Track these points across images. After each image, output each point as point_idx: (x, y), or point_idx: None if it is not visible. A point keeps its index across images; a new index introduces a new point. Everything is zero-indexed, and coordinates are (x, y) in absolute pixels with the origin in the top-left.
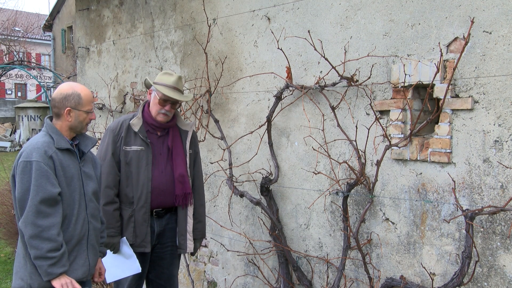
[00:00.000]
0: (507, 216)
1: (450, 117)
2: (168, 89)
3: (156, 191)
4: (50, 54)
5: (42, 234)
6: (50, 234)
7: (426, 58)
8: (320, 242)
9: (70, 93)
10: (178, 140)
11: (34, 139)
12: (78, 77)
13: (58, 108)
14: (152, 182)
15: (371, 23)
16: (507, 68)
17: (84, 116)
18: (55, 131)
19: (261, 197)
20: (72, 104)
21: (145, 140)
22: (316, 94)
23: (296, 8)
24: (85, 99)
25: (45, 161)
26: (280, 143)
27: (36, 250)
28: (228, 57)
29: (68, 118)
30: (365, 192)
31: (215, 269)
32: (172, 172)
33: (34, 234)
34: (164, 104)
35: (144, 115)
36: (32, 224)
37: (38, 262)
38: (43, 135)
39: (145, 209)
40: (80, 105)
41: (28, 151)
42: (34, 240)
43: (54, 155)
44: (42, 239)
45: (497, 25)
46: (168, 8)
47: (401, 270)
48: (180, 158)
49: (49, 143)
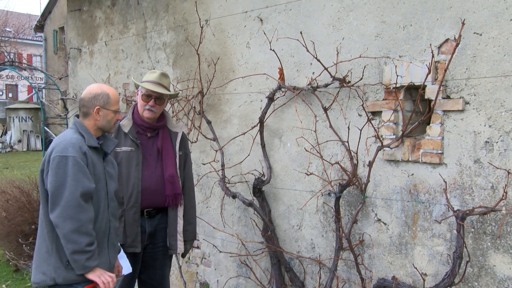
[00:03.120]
0: (497, 217)
1: (441, 118)
2: (150, 84)
3: (146, 191)
4: (42, 55)
5: (81, 229)
6: (88, 229)
7: (417, 59)
8: (313, 243)
9: (100, 92)
10: (168, 141)
11: (65, 135)
12: (70, 78)
13: (87, 107)
14: (142, 182)
15: (363, 25)
16: (497, 70)
17: (112, 116)
18: (85, 129)
19: (254, 198)
20: (101, 103)
21: (135, 141)
22: (308, 95)
23: (288, 9)
24: (113, 98)
25: (81, 156)
26: (272, 144)
27: (75, 245)
28: (220, 58)
29: (96, 117)
30: (357, 193)
31: (208, 271)
32: (162, 173)
33: (74, 228)
34: (147, 100)
35: (134, 117)
36: (73, 218)
37: (76, 257)
38: (74, 132)
39: (136, 209)
40: (108, 104)
41: (63, 146)
42: (74, 234)
43: (88, 152)
44: (81, 233)
45: (488, 27)
46: (160, 9)
47: (393, 270)
48: (170, 159)
49: (82, 140)
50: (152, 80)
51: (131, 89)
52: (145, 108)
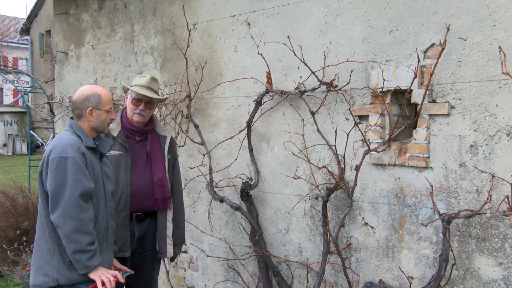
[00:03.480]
0: (482, 220)
1: (427, 122)
2: (140, 88)
3: (136, 195)
4: (28, 58)
5: (82, 228)
6: (89, 228)
7: (404, 63)
8: (300, 247)
9: (91, 93)
10: (157, 145)
11: (63, 136)
12: (56, 82)
13: (80, 109)
14: (132, 186)
15: (350, 29)
16: (481, 74)
17: (105, 116)
18: (81, 130)
19: (241, 202)
20: (93, 104)
21: (124, 145)
22: (296, 99)
23: (276, 13)
24: (105, 98)
25: (80, 157)
26: (260, 148)
27: (76, 244)
28: (208, 62)
29: (90, 118)
30: (344, 197)
31: (195, 275)
32: (151, 176)
33: (75, 228)
34: (137, 104)
35: (122, 121)
36: (74, 218)
37: (77, 256)
38: (71, 134)
39: (125, 213)
40: (101, 105)
41: (62, 147)
42: (75, 234)
43: (86, 152)
44: (82, 232)
45: (472, 32)
46: (148, 12)
47: (380, 274)
48: (159, 163)
49: (79, 141)
50: (143, 84)
51: (118, 93)
52: (135, 112)
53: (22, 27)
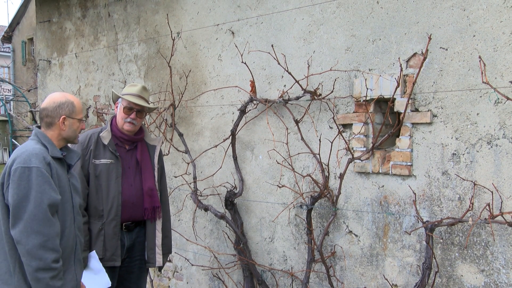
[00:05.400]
0: (465, 227)
1: (410, 131)
2: (132, 97)
3: (126, 204)
4: (10, 66)
5: (47, 244)
6: (55, 244)
7: (387, 72)
8: (285, 255)
9: (64, 101)
10: (146, 154)
11: (27, 146)
12: (39, 90)
13: (52, 117)
14: (122, 196)
15: (334, 38)
16: (462, 84)
17: (78, 125)
18: (48, 140)
19: (226, 211)
20: (66, 112)
21: (115, 153)
22: (280, 107)
23: (260, 22)
24: (78, 107)
25: (45, 167)
26: (244, 156)
27: (39, 261)
28: (192, 70)
29: (62, 127)
30: (328, 205)
31: (180, 284)
32: (141, 186)
33: (39, 244)
34: (129, 113)
35: (112, 129)
36: (38, 233)
37: (39, 275)
38: (36, 143)
39: (116, 222)
40: (74, 113)
41: (25, 157)
42: (39, 250)
43: (52, 163)
44: (47, 248)
45: (453, 42)
46: (131, 21)
47: (364, 282)
48: (149, 172)
49: (45, 151)
50: (134, 93)
51: (102, 101)
52: (126, 120)
53: (4, 35)
